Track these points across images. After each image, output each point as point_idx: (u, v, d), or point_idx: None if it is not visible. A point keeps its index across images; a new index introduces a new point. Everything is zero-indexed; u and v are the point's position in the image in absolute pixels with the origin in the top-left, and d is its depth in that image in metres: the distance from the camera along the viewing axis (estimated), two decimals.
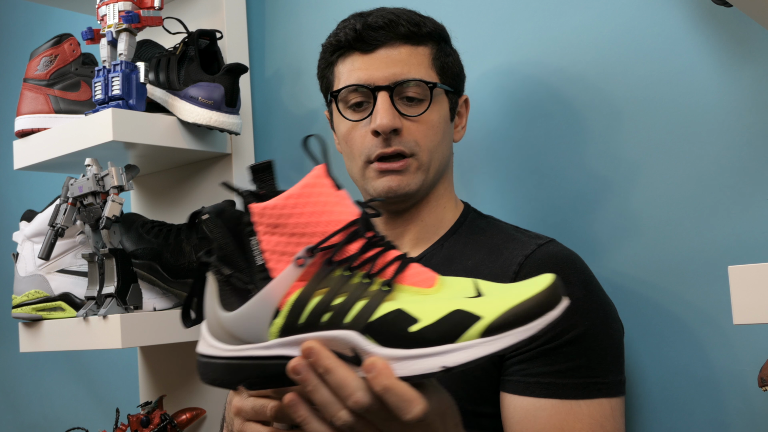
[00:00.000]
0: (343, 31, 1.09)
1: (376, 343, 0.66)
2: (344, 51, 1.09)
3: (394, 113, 1.05)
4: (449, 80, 1.10)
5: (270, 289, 0.68)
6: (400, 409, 0.64)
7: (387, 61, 1.06)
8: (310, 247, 0.68)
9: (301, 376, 0.66)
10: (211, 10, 1.56)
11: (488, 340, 0.64)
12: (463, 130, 1.16)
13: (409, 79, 1.06)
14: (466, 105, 1.16)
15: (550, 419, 0.94)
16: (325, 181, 0.72)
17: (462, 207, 1.15)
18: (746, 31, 1.05)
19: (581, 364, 0.96)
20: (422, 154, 1.07)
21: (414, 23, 1.08)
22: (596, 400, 0.95)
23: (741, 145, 1.06)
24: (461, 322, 0.64)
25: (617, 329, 1.01)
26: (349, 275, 0.68)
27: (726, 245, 1.06)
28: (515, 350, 0.94)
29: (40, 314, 1.44)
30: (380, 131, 1.05)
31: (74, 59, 1.48)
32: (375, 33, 1.06)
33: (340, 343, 0.66)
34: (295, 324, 0.68)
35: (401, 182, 1.07)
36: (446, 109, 1.10)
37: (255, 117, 1.61)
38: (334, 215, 0.69)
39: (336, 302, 0.67)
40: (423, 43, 1.08)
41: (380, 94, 1.06)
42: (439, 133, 1.08)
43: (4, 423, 2.27)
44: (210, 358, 0.72)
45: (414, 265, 0.70)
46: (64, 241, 1.44)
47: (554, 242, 1.04)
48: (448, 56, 1.11)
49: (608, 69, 1.18)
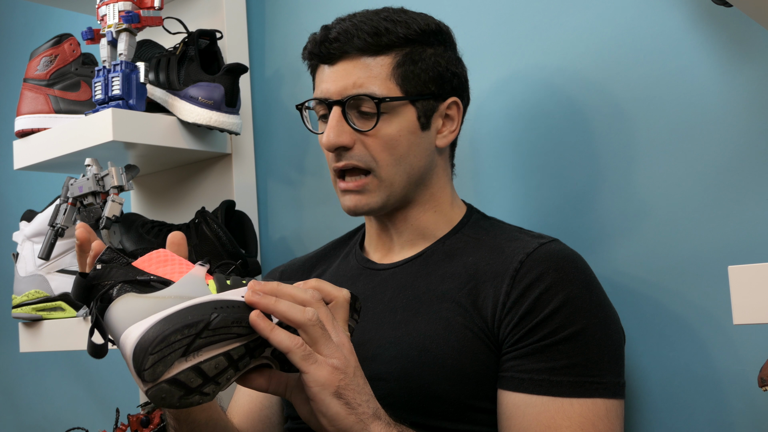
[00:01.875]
0: (309, 44, 1.09)
1: None
2: (314, 62, 1.10)
3: (341, 129, 1.04)
4: (418, 87, 1.06)
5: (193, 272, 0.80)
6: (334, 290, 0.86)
7: (343, 74, 1.05)
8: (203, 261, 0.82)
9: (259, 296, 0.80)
10: (211, 10, 1.56)
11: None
12: (452, 134, 1.10)
13: (356, 95, 1.04)
14: (458, 108, 1.10)
15: (538, 416, 0.94)
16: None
17: (464, 209, 1.14)
18: (746, 31, 1.05)
19: (577, 362, 0.95)
20: (380, 171, 1.05)
21: (374, 33, 1.04)
22: (590, 399, 0.95)
23: (741, 145, 1.06)
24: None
25: (616, 331, 1.01)
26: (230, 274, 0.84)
27: (726, 245, 1.06)
28: (512, 345, 0.95)
29: (40, 314, 1.44)
30: (326, 148, 1.06)
31: (74, 59, 1.48)
32: (330, 46, 1.05)
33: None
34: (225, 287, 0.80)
35: (360, 202, 1.06)
36: (410, 119, 1.06)
37: (255, 117, 1.61)
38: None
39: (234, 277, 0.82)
40: (382, 52, 1.05)
41: (333, 109, 1.05)
42: (400, 147, 1.05)
43: (4, 423, 2.27)
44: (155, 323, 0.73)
45: None
46: (64, 241, 1.44)
47: (557, 242, 1.04)
48: (417, 62, 1.06)
49: (608, 69, 1.18)
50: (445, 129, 1.10)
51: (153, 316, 0.73)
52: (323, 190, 1.50)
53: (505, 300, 0.98)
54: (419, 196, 1.10)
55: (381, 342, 1.02)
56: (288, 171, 1.56)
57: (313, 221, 1.52)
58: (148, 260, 0.82)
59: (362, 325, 1.03)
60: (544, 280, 0.98)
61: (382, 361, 1.01)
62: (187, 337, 0.73)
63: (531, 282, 0.98)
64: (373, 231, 1.15)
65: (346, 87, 1.05)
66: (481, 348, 0.98)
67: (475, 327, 0.99)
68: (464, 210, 1.14)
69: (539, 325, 0.96)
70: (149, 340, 0.72)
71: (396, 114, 1.05)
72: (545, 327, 0.96)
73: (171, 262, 0.82)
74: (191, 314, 0.74)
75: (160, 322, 0.73)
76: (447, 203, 1.12)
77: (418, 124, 1.07)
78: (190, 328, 0.72)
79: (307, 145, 1.53)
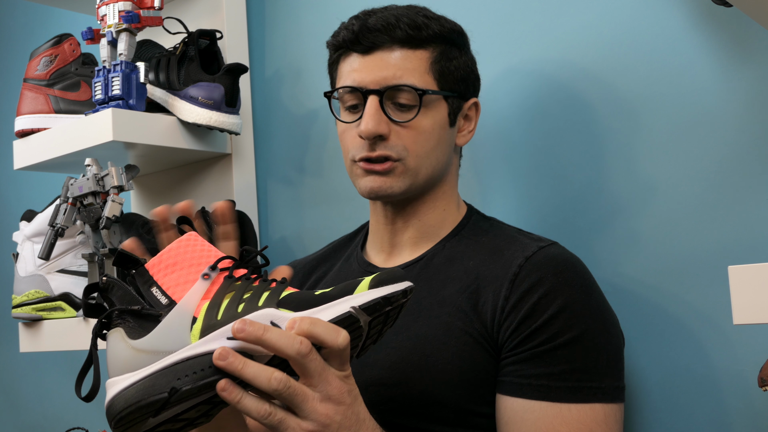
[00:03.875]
0: (343, 32, 1.08)
1: (290, 311, 0.76)
2: (344, 51, 1.09)
3: (380, 119, 1.04)
4: (450, 85, 1.08)
5: (183, 303, 0.76)
6: (330, 337, 0.75)
7: (381, 65, 1.05)
8: (212, 264, 0.79)
9: (228, 360, 0.73)
10: (211, 10, 1.56)
11: (377, 290, 0.78)
12: (469, 135, 1.13)
13: (399, 84, 1.04)
14: (476, 109, 1.13)
15: (537, 422, 0.94)
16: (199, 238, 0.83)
17: (465, 209, 1.14)
18: (746, 31, 1.05)
19: (575, 367, 0.95)
20: (410, 160, 1.05)
21: (414, 26, 1.05)
22: (588, 404, 0.94)
23: (741, 145, 1.06)
24: (352, 284, 0.79)
25: (615, 335, 1.00)
26: (249, 282, 0.79)
27: (726, 245, 1.06)
28: (511, 350, 0.94)
29: (40, 314, 1.44)
30: (364, 137, 1.04)
31: (74, 59, 1.49)
32: (371, 35, 1.05)
33: (260, 319, 0.75)
34: (213, 322, 0.75)
35: (384, 184, 1.05)
36: (443, 114, 1.08)
37: (255, 117, 1.61)
38: (219, 250, 0.84)
39: (246, 296, 0.77)
40: (422, 46, 1.06)
41: (370, 98, 1.04)
42: (432, 140, 1.06)
43: (4, 423, 2.27)
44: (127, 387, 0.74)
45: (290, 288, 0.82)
46: (64, 241, 1.44)
47: (556, 245, 1.04)
48: (451, 60, 1.08)
49: (608, 69, 1.18)
50: (465, 128, 1.12)
51: (127, 377, 0.75)
52: (323, 190, 1.50)
53: (504, 304, 0.98)
54: (434, 191, 1.10)
55: (381, 347, 1.02)
56: (288, 171, 1.56)
57: (313, 221, 1.52)
58: (158, 262, 0.81)
59: None
60: (542, 284, 0.98)
61: (382, 366, 1.01)
62: (154, 405, 0.73)
63: (530, 287, 0.98)
64: (378, 226, 1.14)
65: (385, 77, 1.04)
66: (481, 353, 0.98)
67: (474, 332, 0.99)
68: (465, 210, 1.14)
69: (538, 330, 0.96)
70: (119, 407, 0.74)
71: (431, 108, 1.06)
72: (544, 332, 0.96)
73: (180, 265, 0.80)
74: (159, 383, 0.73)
75: (131, 388, 0.74)
76: (455, 204, 1.13)
77: (448, 120, 1.08)
78: (156, 403, 0.73)
79: (307, 145, 1.53)
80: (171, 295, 0.78)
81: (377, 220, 1.14)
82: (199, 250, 0.80)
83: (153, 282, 0.79)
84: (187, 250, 0.80)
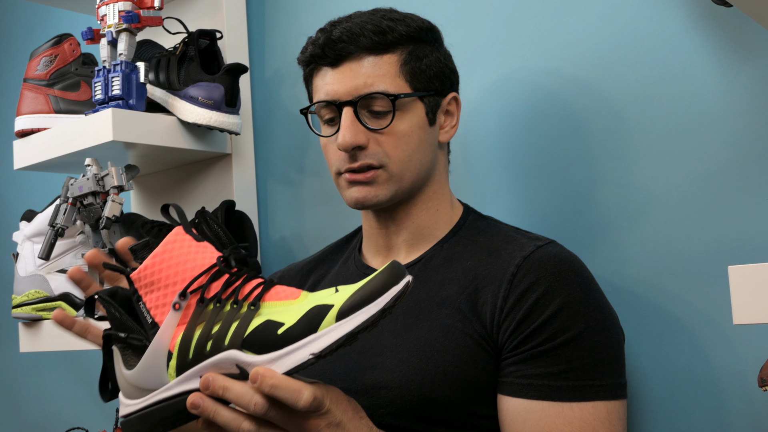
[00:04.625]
0: (310, 47, 1.08)
1: (254, 354, 0.76)
2: (314, 65, 1.09)
3: (357, 129, 1.04)
4: (424, 84, 1.07)
5: (158, 337, 0.79)
6: (291, 400, 0.74)
7: (351, 75, 1.05)
8: (181, 292, 0.79)
9: (200, 408, 0.76)
10: (211, 10, 1.56)
11: (343, 321, 0.75)
12: (453, 129, 1.12)
13: (370, 93, 1.04)
14: (456, 103, 1.12)
15: (539, 422, 0.94)
16: (185, 237, 0.82)
17: (461, 209, 1.14)
18: (746, 31, 1.05)
19: (575, 366, 0.95)
20: (392, 166, 1.05)
21: (379, 31, 1.05)
22: (590, 402, 0.94)
23: (741, 145, 1.06)
24: (318, 314, 0.75)
25: (615, 332, 1.00)
26: (220, 306, 0.79)
27: (726, 245, 1.06)
28: (511, 351, 0.94)
29: (40, 314, 1.44)
30: (342, 149, 1.04)
31: (74, 59, 1.49)
32: (337, 47, 1.05)
33: (226, 363, 0.77)
34: (186, 360, 0.78)
35: (369, 193, 1.05)
36: (420, 115, 1.07)
37: (255, 117, 1.61)
38: (197, 261, 0.81)
39: (214, 331, 0.78)
40: (389, 50, 1.05)
41: (344, 110, 1.04)
42: (412, 142, 1.06)
43: (4, 423, 2.28)
44: (127, 416, 0.82)
45: (277, 286, 0.81)
46: (64, 241, 1.44)
47: (554, 244, 1.04)
48: (421, 59, 1.07)
49: (608, 69, 1.18)
50: (447, 124, 1.11)
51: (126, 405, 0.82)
52: (323, 190, 1.50)
53: (503, 305, 0.98)
54: (423, 192, 1.10)
55: (382, 350, 1.02)
56: (288, 171, 1.56)
57: (313, 221, 1.52)
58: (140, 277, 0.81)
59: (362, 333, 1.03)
60: (541, 284, 0.97)
61: (383, 369, 1.00)
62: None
63: (528, 286, 0.98)
64: (371, 231, 1.14)
65: (356, 87, 1.04)
66: (481, 354, 0.98)
67: (474, 333, 0.99)
68: (461, 210, 1.14)
69: (537, 330, 0.96)
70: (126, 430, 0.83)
71: (407, 110, 1.06)
72: (543, 332, 0.96)
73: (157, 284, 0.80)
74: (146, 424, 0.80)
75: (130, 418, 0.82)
76: (447, 202, 1.12)
77: (426, 120, 1.08)
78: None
79: (307, 145, 1.53)
80: (154, 316, 0.80)
81: (370, 225, 1.14)
82: (175, 261, 0.81)
83: (139, 296, 0.81)
84: (164, 259, 0.81)
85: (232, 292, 0.79)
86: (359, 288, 0.76)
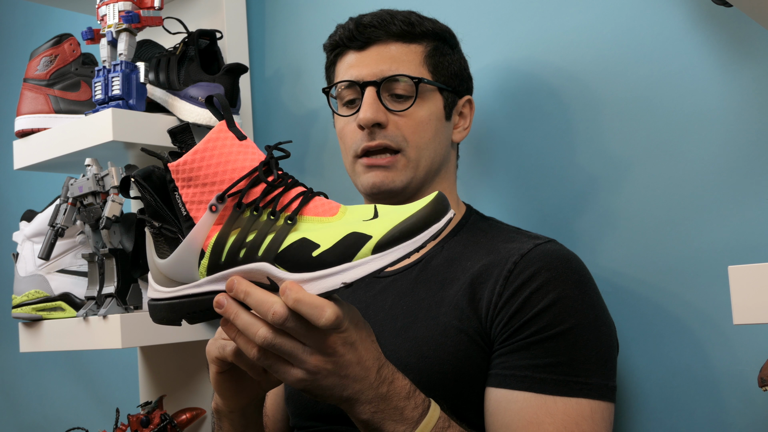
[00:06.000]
0: (339, 30, 1.12)
1: (286, 270, 0.76)
2: (341, 50, 1.13)
3: (378, 108, 1.07)
4: (444, 79, 1.11)
5: (193, 235, 0.78)
6: (313, 316, 0.74)
7: (377, 58, 1.09)
8: (219, 195, 0.77)
9: (224, 308, 0.77)
10: (211, 10, 1.56)
11: (379, 255, 0.74)
12: (465, 131, 1.15)
13: (395, 75, 1.07)
14: (470, 106, 1.16)
15: (521, 411, 0.94)
16: (228, 134, 0.80)
17: (464, 209, 1.15)
18: (746, 31, 1.05)
19: (562, 360, 0.95)
20: (410, 150, 1.07)
21: (408, 22, 1.09)
22: (574, 398, 0.94)
23: (741, 145, 1.06)
24: (355, 242, 0.74)
25: (607, 334, 1.00)
26: (257, 215, 0.77)
27: (726, 245, 1.06)
28: (501, 343, 0.94)
29: (40, 314, 1.44)
30: (363, 125, 1.07)
31: (74, 59, 1.48)
32: (367, 30, 1.09)
33: (257, 273, 0.77)
34: (218, 262, 0.78)
35: (386, 178, 1.07)
36: (438, 106, 1.10)
37: (255, 117, 1.61)
38: (238, 163, 0.78)
39: (249, 239, 0.77)
40: (416, 41, 1.10)
41: (367, 89, 1.08)
42: (429, 130, 1.09)
43: (4, 423, 2.28)
44: (155, 300, 0.82)
45: (318, 198, 0.80)
46: (64, 241, 1.44)
47: (553, 242, 1.04)
48: (445, 55, 1.12)
49: (608, 69, 1.18)
50: (460, 125, 1.15)
51: (154, 291, 0.83)
52: (323, 190, 1.50)
53: (498, 300, 0.98)
54: (432, 187, 1.12)
55: (381, 349, 1.02)
56: (288, 171, 1.56)
57: None
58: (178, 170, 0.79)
59: None
60: (536, 279, 0.98)
61: None
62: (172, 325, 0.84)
63: (524, 281, 0.98)
64: None
65: (382, 70, 1.08)
66: (476, 351, 0.98)
67: (470, 330, 0.99)
68: (464, 210, 1.14)
69: (528, 322, 0.96)
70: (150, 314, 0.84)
71: (427, 99, 1.09)
72: (533, 324, 0.96)
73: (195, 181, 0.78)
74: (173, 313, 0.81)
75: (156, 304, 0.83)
76: (454, 202, 1.14)
77: (444, 113, 1.11)
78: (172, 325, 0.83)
79: (308, 145, 1.53)
80: (189, 210, 0.79)
81: None
82: (215, 161, 0.78)
83: (175, 187, 0.79)
84: (204, 156, 0.78)
85: (270, 201, 0.77)
86: (399, 222, 0.74)
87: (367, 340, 0.81)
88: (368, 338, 0.82)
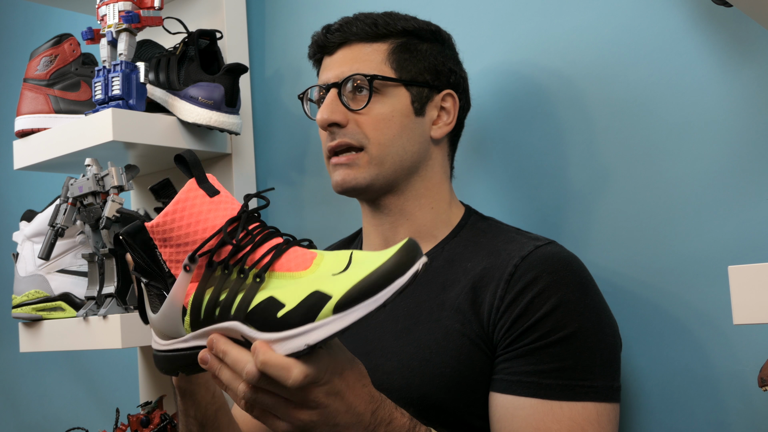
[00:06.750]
0: (312, 41, 1.15)
1: (256, 329, 0.76)
2: (318, 57, 1.16)
3: (334, 108, 1.08)
4: (413, 74, 1.09)
5: (173, 293, 0.80)
6: (281, 378, 0.73)
7: (341, 60, 1.11)
8: (190, 255, 0.78)
9: (208, 364, 0.79)
10: (211, 10, 1.56)
11: (340, 316, 0.72)
12: (446, 127, 1.12)
13: (351, 75, 1.08)
14: (453, 100, 1.12)
15: (528, 418, 0.94)
16: (198, 193, 0.81)
17: (462, 210, 1.14)
18: (746, 31, 1.05)
19: (567, 365, 0.95)
20: (372, 148, 1.08)
21: (372, 23, 1.10)
22: (580, 402, 0.94)
23: (741, 145, 1.06)
24: (317, 303, 0.73)
25: (611, 335, 1.00)
26: (228, 273, 0.78)
27: (726, 245, 1.06)
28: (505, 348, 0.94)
29: (40, 314, 1.44)
30: (320, 125, 1.09)
31: (74, 59, 1.48)
32: (332, 35, 1.11)
33: (232, 331, 0.78)
34: (198, 319, 0.79)
35: (348, 175, 1.08)
36: (404, 102, 1.09)
37: (255, 117, 1.61)
38: (209, 222, 0.79)
39: (221, 298, 0.78)
40: (380, 39, 1.10)
41: (330, 91, 1.09)
42: (393, 127, 1.08)
43: (4, 423, 2.27)
44: (156, 351, 0.86)
45: (293, 249, 0.79)
46: (64, 241, 1.44)
47: (554, 244, 1.04)
48: (412, 51, 1.10)
49: (608, 69, 1.18)
50: (440, 121, 1.12)
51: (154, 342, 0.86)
52: (323, 190, 1.50)
53: (500, 304, 0.98)
54: (413, 186, 1.10)
55: (383, 352, 1.02)
56: (288, 171, 1.56)
57: (313, 221, 1.52)
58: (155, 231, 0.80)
59: (365, 334, 1.03)
60: (537, 283, 0.97)
61: (384, 371, 1.01)
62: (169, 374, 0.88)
63: (525, 285, 0.98)
64: (369, 229, 1.14)
65: (343, 71, 1.09)
66: (478, 355, 0.98)
67: (472, 333, 0.99)
68: (462, 211, 1.14)
69: (531, 327, 0.96)
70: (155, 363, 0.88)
71: (389, 95, 1.09)
72: (537, 330, 0.96)
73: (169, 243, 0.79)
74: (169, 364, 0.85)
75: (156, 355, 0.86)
76: (445, 202, 1.12)
77: (411, 109, 1.10)
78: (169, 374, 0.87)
79: (307, 145, 1.53)
80: (170, 268, 0.81)
81: (367, 222, 1.15)
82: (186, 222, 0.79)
83: (155, 245, 0.81)
84: (175, 218, 0.79)
85: (240, 259, 0.78)
86: (361, 279, 0.72)
87: (356, 386, 0.79)
88: (358, 383, 0.80)
